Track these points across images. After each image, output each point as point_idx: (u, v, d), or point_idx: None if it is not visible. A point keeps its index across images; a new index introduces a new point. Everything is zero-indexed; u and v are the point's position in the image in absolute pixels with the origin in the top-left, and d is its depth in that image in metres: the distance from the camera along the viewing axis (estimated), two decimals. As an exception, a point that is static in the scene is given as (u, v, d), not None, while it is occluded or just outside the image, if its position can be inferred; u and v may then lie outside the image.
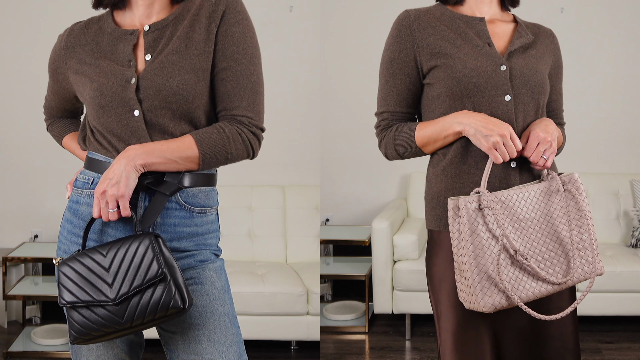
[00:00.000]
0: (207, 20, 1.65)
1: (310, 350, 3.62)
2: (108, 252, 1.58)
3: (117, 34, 1.70)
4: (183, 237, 1.67)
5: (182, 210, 1.67)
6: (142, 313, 1.56)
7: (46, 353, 3.56)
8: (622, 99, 4.34)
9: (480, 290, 1.61)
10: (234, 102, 1.65)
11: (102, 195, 1.58)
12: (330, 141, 4.41)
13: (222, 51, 1.64)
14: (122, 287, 1.56)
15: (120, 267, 1.57)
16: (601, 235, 4.12)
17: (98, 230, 1.67)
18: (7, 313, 3.98)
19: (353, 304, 4.12)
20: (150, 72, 1.63)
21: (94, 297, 1.57)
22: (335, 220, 4.45)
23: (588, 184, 4.20)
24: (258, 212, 3.99)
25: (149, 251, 1.56)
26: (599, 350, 3.55)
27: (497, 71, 1.71)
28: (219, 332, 1.67)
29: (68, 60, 1.72)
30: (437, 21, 1.76)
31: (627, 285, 3.68)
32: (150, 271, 1.55)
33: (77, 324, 1.58)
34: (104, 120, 1.65)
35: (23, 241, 4.05)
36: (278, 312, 3.47)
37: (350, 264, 4.06)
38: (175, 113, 1.63)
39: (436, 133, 1.72)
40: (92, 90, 1.65)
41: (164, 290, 1.55)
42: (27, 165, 4.10)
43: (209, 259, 1.71)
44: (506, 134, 1.64)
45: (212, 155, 1.63)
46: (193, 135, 1.63)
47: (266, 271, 3.67)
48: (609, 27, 4.32)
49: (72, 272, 1.59)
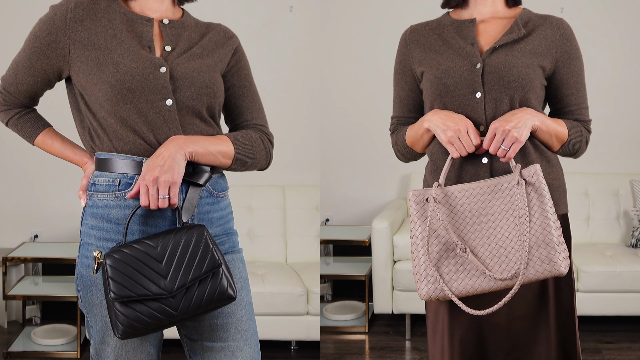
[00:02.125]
0: (221, 43, 1.77)
1: (310, 350, 3.62)
2: (159, 243, 1.55)
3: (131, 16, 1.67)
4: (214, 223, 1.71)
5: (211, 197, 1.70)
6: (197, 305, 1.54)
7: (46, 353, 3.56)
8: (623, 99, 4.34)
9: (419, 279, 1.67)
10: (253, 113, 1.80)
11: (153, 182, 1.54)
12: (330, 141, 4.42)
13: (237, 73, 1.78)
14: (180, 279, 1.53)
15: (176, 258, 1.54)
16: (601, 235, 4.12)
17: (137, 229, 1.62)
18: (7, 313, 3.98)
19: (353, 304, 4.12)
20: (180, 64, 1.66)
21: (149, 290, 1.51)
22: (335, 220, 4.45)
23: (588, 184, 4.20)
24: (258, 212, 3.99)
25: (206, 242, 1.57)
26: (599, 350, 3.55)
27: (470, 70, 1.75)
28: (245, 320, 1.72)
29: (75, 33, 1.62)
30: (430, 32, 1.87)
31: (627, 285, 3.68)
32: (209, 261, 1.56)
33: (129, 318, 1.51)
34: (132, 106, 1.60)
35: (23, 241, 4.05)
36: (278, 312, 3.47)
37: (350, 264, 4.06)
38: (203, 106, 1.68)
39: (415, 132, 1.83)
40: (118, 72, 1.59)
41: (218, 281, 1.56)
42: (27, 165, 4.10)
43: (235, 247, 1.76)
44: (461, 129, 1.70)
45: (244, 155, 1.70)
46: (228, 135, 1.71)
47: (266, 271, 3.67)
48: (609, 27, 4.32)
49: (121, 264, 1.52)
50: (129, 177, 1.63)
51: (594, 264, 3.74)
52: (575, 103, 1.84)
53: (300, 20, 4.18)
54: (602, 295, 3.69)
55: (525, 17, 1.82)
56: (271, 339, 3.52)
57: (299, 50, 4.19)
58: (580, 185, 4.20)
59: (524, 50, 1.76)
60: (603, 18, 4.32)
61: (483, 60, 1.75)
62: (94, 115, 1.65)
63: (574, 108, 1.84)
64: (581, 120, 1.86)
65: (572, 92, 1.83)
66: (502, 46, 1.77)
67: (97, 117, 1.64)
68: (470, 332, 1.78)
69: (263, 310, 3.44)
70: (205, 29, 1.78)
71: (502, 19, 1.83)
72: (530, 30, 1.79)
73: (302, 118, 4.18)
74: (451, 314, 1.78)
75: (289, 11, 4.18)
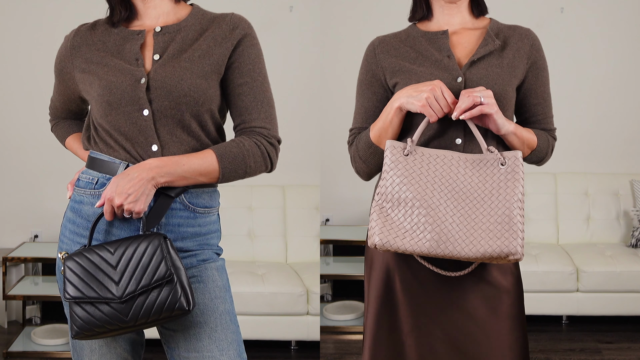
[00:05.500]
0: (221, 38, 1.70)
1: (310, 350, 3.62)
2: (116, 249, 1.59)
3: (124, 34, 1.72)
4: (186, 237, 1.69)
5: (186, 210, 1.68)
6: (147, 313, 1.57)
7: (46, 353, 3.56)
8: (622, 99, 4.34)
9: (375, 222, 1.66)
10: (252, 114, 1.71)
11: (118, 207, 1.60)
12: (330, 141, 4.41)
13: (238, 69, 1.70)
14: (129, 286, 1.57)
15: (128, 266, 1.57)
16: (601, 235, 4.12)
17: (103, 229, 1.67)
18: (7, 313, 3.98)
19: (353, 304, 4.12)
20: (160, 73, 1.65)
21: (100, 293, 1.57)
22: (335, 220, 4.45)
23: (588, 184, 4.20)
24: (258, 212, 3.99)
25: (158, 252, 1.57)
26: (599, 350, 3.55)
27: (452, 84, 1.73)
28: (220, 330, 1.69)
29: (74, 59, 1.73)
30: (400, 43, 1.84)
31: (627, 285, 3.68)
32: (159, 272, 1.57)
33: (80, 319, 1.58)
34: (112, 118, 1.66)
35: (23, 241, 4.05)
36: (278, 312, 3.47)
37: (350, 264, 4.06)
38: (184, 115, 1.65)
39: (382, 121, 1.76)
40: (100, 87, 1.66)
41: (170, 292, 1.57)
42: (27, 165, 4.10)
43: (211, 257, 1.73)
44: (435, 87, 1.66)
45: (231, 169, 1.66)
46: (214, 150, 1.66)
47: (266, 271, 3.67)
48: (609, 27, 4.32)
49: (78, 267, 1.59)
50: (107, 178, 1.68)
51: (594, 264, 3.74)
52: (542, 112, 1.83)
53: (300, 20, 4.18)
54: (602, 295, 3.69)
55: (495, 28, 1.81)
56: (271, 339, 3.52)
57: (299, 50, 4.19)
58: (580, 185, 4.20)
59: (502, 65, 1.76)
60: (603, 18, 4.32)
61: (464, 74, 1.74)
62: (93, 122, 1.73)
63: (540, 117, 1.83)
64: (547, 129, 1.84)
65: (539, 102, 1.82)
66: (480, 59, 1.76)
67: (95, 126, 1.73)
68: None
69: (263, 310, 3.44)
70: (209, 24, 1.73)
71: (472, 30, 1.82)
72: (503, 41, 1.79)
73: (302, 118, 4.18)
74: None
75: (289, 11, 4.18)
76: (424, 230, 1.63)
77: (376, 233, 1.64)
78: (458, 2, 1.80)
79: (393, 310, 1.79)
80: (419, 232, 1.63)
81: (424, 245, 1.62)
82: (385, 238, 1.63)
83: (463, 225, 1.63)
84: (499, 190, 1.65)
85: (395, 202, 1.66)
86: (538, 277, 3.74)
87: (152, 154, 1.65)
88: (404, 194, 1.66)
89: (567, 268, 3.74)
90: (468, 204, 1.65)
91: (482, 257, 1.62)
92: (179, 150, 1.66)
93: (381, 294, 1.80)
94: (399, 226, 1.64)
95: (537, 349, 3.57)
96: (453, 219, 1.64)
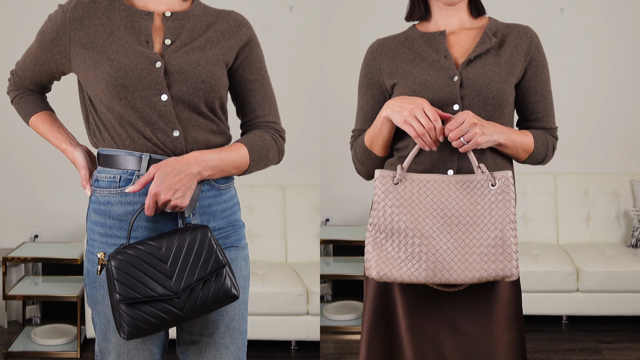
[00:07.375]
0: (229, 33, 1.73)
1: (310, 350, 3.62)
2: (163, 244, 1.56)
3: (131, 12, 1.68)
4: (217, 216, 1.71)
5: (213, 189, 1.70)
6: (202, 304, 1.56)
7: (46, 353, 3.56)
8: (622, 99, 4.34)
9: (370, 256, 1.66)
10: (265, 110, 1.78)
11: (164, 202, 1.57)
12: (330, 141, 4.41)
13: (248, 66, 1.75)
14: (185, 279, 1.55)
15: (181, 259, 1.55)
16: (601, 235, 4.12)
17: (138, 225, 1.64)
18: (7, 313, 3.98)
19: (353, 304, 4.12)
20: (176, 58, 1.65)
21: (155, 291, 1.53)
22: (335, 220, 4.45)
23: (588, 184, 4.20)
24: (258, 212, 3.99)
25: (210, 242, 1.58)
26: (599, 350, 3.55)
27: (447, 83, 1.73)
28: (236, 320, 1.73)
29: (74, 32, 1.65)
30: (399, 45, 1.85)
31: (627, 285, 3.68)
32: (214, 262, 1.57)
33: (134, 319, 1.52)
34: (127, 102, 1.61)
35: (23, 241, 4.05)
36: (278, 312, 3.47)
37: (350, 264, 4.06)
38: (200, 101, 1.66)
39: (373, 127, 1.78)
40: (112, 69, 1.60)
41: (223, 280, 1.58)
42: (27, 165, 4.10)
43: (240, 241, 1.77)
44: (416, 106, 1.65)
45: (257, 162, 1.72)
46: (244, 143, 1.70)
47: (266, 271, 3.67)
48: (609, 27, 4.32)
49: (126, 266, 1.53)
50: (129, 173, 1.64)
51: (594, 264, 3.74)
52: (542, 110, 1.82)
53: (300, 20, 4.18)
54: (602, 295, 3.69)
55: (493, 27, 1.81)
56: (271, 339, 3.52)
57: (299, 50, 4.19)
58: (580, 185, 4.20)
59: (499, 63, 1.75)
60: (603, 18, 4.32)
61: (460, 73, 1.74)
62: (95, 111, 1.67)
63: (540, 115, 1.82)
64: (547, 128, 1.83)
65: (539, 100, 1.81)
66: (477, 57, 1.75)
67: (98, 113, 1.66)
68: None
69: (263, 310, 3.44)
70: (215, 18, 1.74)
71: (470, 29, 1.82)
72: (501, 39, 1.79)
73: (302, 118, 4.18)
74: None
75: (289, 11, 4.18)
76: (419, 260, 1.64)
77: (372, 266, 1.65)
78: (456, 5, 1.80)
79: (390, 308, 1.80)
80: (414, 261, 1.64)
81: (421, 275, 1.63)
82: (382, 270, 1.64)
83: (457, 252, 1.64)
84: (490, 213, 1.66)
85: (389, 232, 1.67)
86: (538, 277, 3.74)
87: (174, 139, 1.63)
88: (396, 224, 1.66)
89: (567, 268, 3.74)
90: (461, 229, 1.65)
91: (479, 281, 1.64)
92: (198, 135, 1.66)
93: (378, 291, 1.81)
94: (395, 257, 1.65)
95: (537, 349, 3.57)
96: (447, 245, 1.64)
